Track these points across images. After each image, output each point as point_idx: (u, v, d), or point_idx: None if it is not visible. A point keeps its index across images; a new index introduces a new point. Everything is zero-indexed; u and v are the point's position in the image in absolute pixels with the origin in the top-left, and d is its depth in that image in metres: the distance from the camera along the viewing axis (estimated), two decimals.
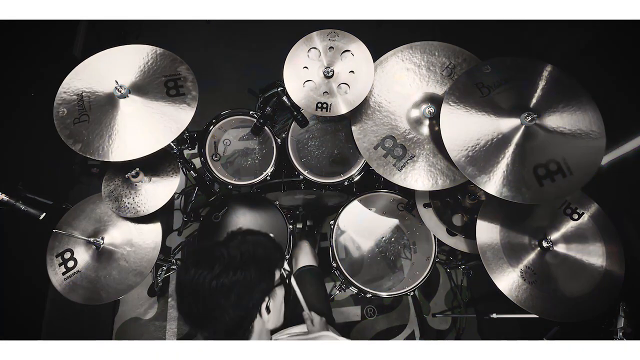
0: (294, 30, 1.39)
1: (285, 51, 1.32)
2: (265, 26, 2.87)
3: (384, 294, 1.54)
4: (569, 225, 1.35)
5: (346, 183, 1.63)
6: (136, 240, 1.40)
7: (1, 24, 1.51)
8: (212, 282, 0.71)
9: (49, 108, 1.23)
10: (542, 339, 1.64)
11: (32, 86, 2.12)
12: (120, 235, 1.41)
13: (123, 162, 1.20)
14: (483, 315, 1.77)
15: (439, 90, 1.39)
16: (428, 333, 2.13)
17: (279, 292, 0.86)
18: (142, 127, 1.22)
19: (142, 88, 1.27)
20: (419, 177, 1.31)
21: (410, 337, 2.12)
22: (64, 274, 1.35)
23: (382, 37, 2.76)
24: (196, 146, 1.70)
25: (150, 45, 1.34)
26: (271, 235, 0.93)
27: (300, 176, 1.62)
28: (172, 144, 1.45)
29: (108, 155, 1.17)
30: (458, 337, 2.12)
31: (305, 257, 1.54)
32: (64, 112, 1.22)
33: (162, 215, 1.46)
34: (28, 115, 2.06)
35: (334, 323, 1.39)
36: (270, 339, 0.91)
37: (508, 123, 1.18)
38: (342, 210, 1.67)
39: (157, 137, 1.20)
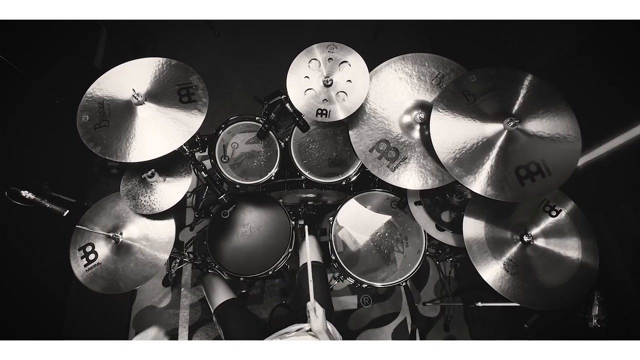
0: (296, 42, 1.40)
1: (288, 62, 1.32)
2: (270, 38, 2.88)
3: (378, 284, 1.55)
4: (548, 222, 1.36)
5: (344, 183, 1.63)
6: (152, 235, 1.40)
7: (29, 28, 1.47)
8: None
9: (72, 114, 1.23)
10: (523, 325, 1.65)
11: (56, 93, 2.12)
12: (137, 230, 1.41)
13: (140, 163, 1.20)
14: (469, 304, 1.78)
15: (428, 97, 1.39)
16: (419, 320, 2.13)
17: None
18: (157, 131, 1.21)
19: (157, 96, 1.27)
20: (411, 177, 1.31)
21: (403, 324, 2.13)
22: (85, 265, 1.35)
23: (376, 48, 2.76)
24: (206, 149, 1.71)
25: (165, 57, 1.34)
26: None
27: (302, 176, 1.62)
28: (185, 147, 1.45)
29: (126, 157, 1.17)
30: (446, 324, 2.13)
31: (312, 253, 1.51)
32: (86, 118, 1.22)
33: (176, 212, 1.46)
34: (52, 120, 2.06)
35: (333, 318, 1.38)
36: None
37: (492, 128, 1.19)
38: (340, 208, 1.68)
39: (170, 140, 1.20)
